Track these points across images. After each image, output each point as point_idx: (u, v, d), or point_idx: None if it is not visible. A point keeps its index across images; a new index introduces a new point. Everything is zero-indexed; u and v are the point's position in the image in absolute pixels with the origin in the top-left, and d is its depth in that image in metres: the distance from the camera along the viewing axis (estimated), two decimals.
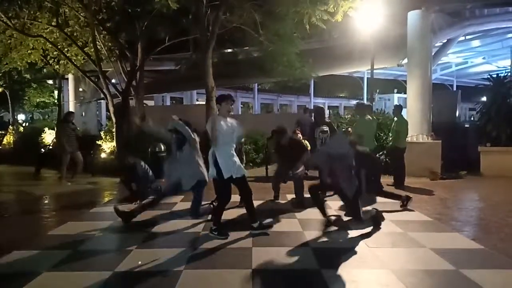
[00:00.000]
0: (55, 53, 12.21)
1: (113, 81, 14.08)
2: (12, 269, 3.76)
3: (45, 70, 16.70)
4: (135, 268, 3.69)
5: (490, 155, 10.01)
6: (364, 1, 9.08)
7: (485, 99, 11.66)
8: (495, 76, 11.19)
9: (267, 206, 6.28)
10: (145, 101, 13.27)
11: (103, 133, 13.37)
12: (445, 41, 15.75)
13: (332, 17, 8.90)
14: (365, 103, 11.53)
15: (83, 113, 18.00)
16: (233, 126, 4.68)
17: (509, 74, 11.55)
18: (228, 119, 4.69)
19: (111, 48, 12.15)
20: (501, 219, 5.55)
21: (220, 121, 4.58)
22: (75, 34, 11.64)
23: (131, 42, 11.87)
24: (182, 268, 3.66)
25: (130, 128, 10.25)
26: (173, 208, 6.10)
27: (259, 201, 6.23)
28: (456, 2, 12.45)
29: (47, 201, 7.41)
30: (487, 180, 9.40)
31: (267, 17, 10.52)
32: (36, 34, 11.31)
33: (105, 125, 17.20)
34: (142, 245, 4.40)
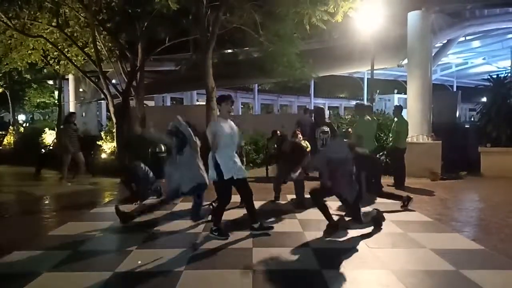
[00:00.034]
0: (55, 53, 12.23)
1: (114, 81, 14.10)
2: (12, 269, 3.76)
3: (45, 71, 16.72)
4: (136, 269, 3.69)
5: (490, 156, 10.01)
6: (364, 1, 9.09)
7: (485, 99, 11.64)
8: (495, 76, 11.18)
9: (267, 207, 6.29)
10: (145, 102, 13.27)
11: (103, 134, 13.38)
12: (445, 41, 15.74)
13: (332, 17, 8.90)
14: (365, 103, 11.54)
15: (84, 114, 17.99)
16: (233, 129, 4.71)
17: (509, 74, 11.52)
18: (229, 121, 4.72)
19: (112, 49, 12.16)
20: (501, 219, 5.55)
21: (221, 123, 4.61)
22: (76, 35, 11.66)
23: (131, 43, 11.88)
24: (182, 269, 3.66)
25: (131, 128, 10.26)
26: (174, 209, 6.09)
27: (260, 201, 6.22)
28: (456, 3, 12.44)
29: (47, 201, 7.41)
30: (487, 180, 9.40)
31: (267, 17, 10.52)
32: (36, 34, 11.32)
33: (106, 125, 17.23)
34: (143, 245, 4.40)
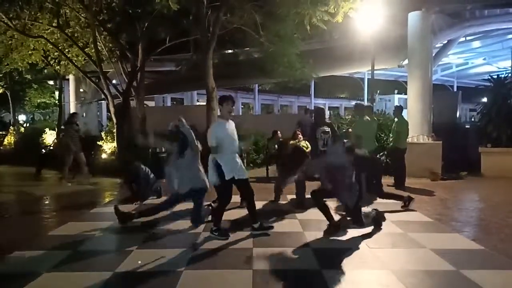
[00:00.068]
0: (56, 53, 12.24)
1: (114, 81, 14.12)
2: (12, 269, 3.77)
3: (46, 71, 16.75)
4: (136, 269, 3.69)
5: (491, 156, 10.00)
6: (364, 2, 9.09)
7: (485, 100, 11.63)
8: (495, 77, 11.16)
9: (268, 207, 6.29)
10: (145, 102, 13.29)
11: (104, 134, 13.38)
12: (445, 42, 15.73)
13: (332, 18, 8.91)
14: (364, 104, 11.53)
15: (84, 114, 18.00)
16: (234, 129, 4.73)
17: (509, 75, 11.48)
18: (230, 121, 4.72)
19: (112, 49, 12.18)
20: (502, 219, 5.55)
21: (222, 125, 4.62)
22: (76, 35, 11.67)
23: (131, 43, 11.89)
24: (182, 269, 3.67)
25: (131, 128, 10.27)
26: (174, 209, 6.08)
27: (260, 201, 6.21)
28: (456, 3, 12.43)
29: (47, 201, 7.42)
30: (487, 181, 9.39)
31: (268, 18, 10.52)
32: (37, 34, 11.34)
33: (106, 125, 17.25)
34: (143, 245, 4.40)
